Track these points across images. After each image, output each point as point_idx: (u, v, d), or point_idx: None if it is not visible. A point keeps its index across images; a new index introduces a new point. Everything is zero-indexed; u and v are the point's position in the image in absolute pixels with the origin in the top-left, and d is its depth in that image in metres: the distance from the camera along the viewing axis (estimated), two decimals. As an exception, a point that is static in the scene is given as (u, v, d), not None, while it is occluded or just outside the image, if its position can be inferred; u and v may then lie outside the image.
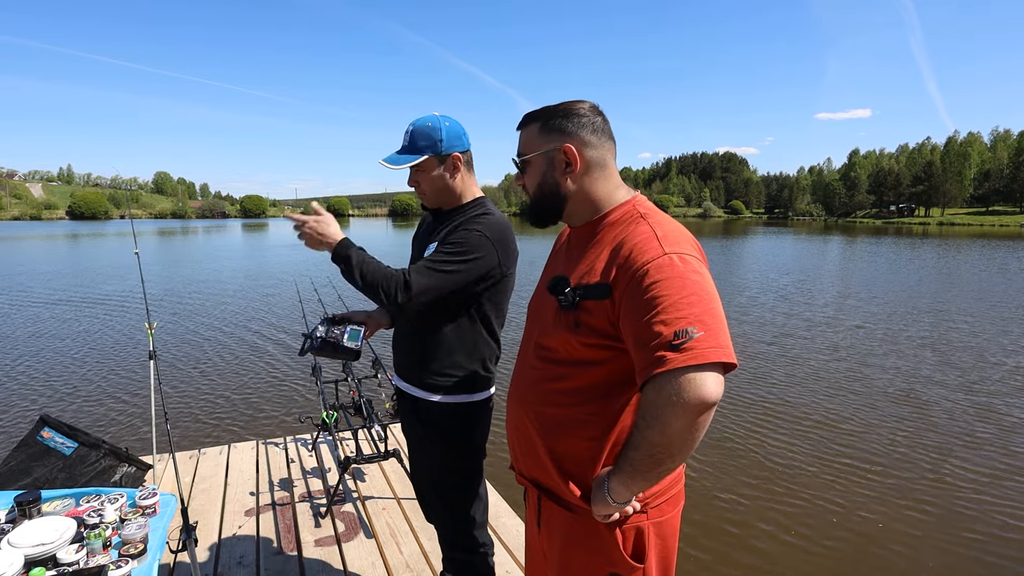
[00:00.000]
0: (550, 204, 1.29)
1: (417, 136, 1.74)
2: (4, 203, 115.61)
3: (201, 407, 6.17)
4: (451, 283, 1.67)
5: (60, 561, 1.48)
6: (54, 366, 7.70)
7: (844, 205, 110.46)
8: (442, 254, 1.68)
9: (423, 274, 1.63)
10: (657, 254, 1.08)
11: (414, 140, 1.74)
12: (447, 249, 1.69)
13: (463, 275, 1.68)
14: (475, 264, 1.69)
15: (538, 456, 1.28)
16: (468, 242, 1.68)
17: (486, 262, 1.70)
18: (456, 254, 1.67)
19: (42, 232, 54.19)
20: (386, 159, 1.74)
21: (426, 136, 1.73)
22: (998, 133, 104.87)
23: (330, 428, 3.42)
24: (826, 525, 3.89)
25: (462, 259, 1.67)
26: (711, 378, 0.97)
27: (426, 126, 1.74)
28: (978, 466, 4.72)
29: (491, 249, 1.71)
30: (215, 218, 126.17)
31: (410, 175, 1.79)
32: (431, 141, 1.73)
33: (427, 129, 1.73)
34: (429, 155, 1.74)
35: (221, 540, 2.78)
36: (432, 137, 1.73)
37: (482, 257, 1.69)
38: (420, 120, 1.76)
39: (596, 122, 1.24)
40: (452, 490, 1.89)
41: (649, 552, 1.21)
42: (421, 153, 1.73)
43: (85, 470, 2.98)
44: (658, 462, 1.04)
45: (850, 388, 6.76)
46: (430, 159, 1.75)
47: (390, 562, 2.59)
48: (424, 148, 1.73)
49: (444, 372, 1.79)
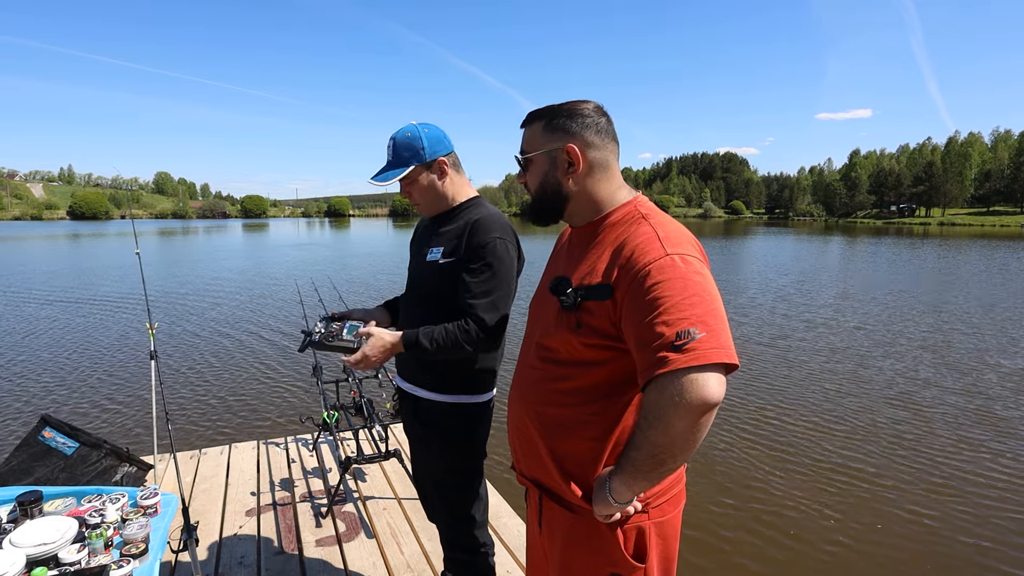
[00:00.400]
0: (551, 203, 1.29)
1: (400, 148, 1.76)
2: (5, 203, 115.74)
3: (202, 407, 6.17)
4: (508, 297, 1.75)
5: (62, 561, 1.49)
6: (55, 366, 7.70)
7: (845, 205, 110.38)
8: (485, 282, 1.70)
9: (486, 310, 1.68)
10: (659, 255, 1.08)
11: (398, 153, 1.76)
12: (484, 275, 1.70)
13: (511, 284, 1.76)
14: (511, 268, 1.76)
15: (539, 456, 1.28)
16: (493, 255, 1.71)
17: (513, 260, 1.77)
18: (496, 273, 1.71)
19: (43, 232, 54.25)
20: (374, 177, 1.78)
21: (408, 147, 1.75)
22: (999, 133, 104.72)
23: (331, 428, 3.42)
24: (823, 529, 3.89)
25: (503, 271, 1.72)
26: (713, 379, 0.97)
27: (406, 137, 1.76)
28: (976, 469, 4.71)
29: (507, 248, 1.75)
30: (216, 218, 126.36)
31: (401, 188, 1.81)
32: (414, 151, 1.75)
33: (408, 140, 1.76)
34: (415, 165, 1.76)
35: (222, 540, 2.78)
36: (414, 147, 1.75)
37: (512, 258, 1.76)
38: (399, 132, 1.78)
39: (600, 123, 1.24)
40: (453, 490, 1.89)
41: (650, 552, 1.21)
42: (407, 165, 1.76)
43: (86, 470, 2.99)
44: (660, 462, 1.04)
45: (848, 390, 6.76)
46: (416, 168, 1.77)
47: (391, 562, 2.59)
48: (409, 159, 1.76)
49: (447, 372, 1.80)
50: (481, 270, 1.70)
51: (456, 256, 1.75)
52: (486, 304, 1.68)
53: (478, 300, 1.68)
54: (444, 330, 1.68)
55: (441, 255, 1.77)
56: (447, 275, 1.76)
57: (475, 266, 1.71)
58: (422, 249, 1.87)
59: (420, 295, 1.86)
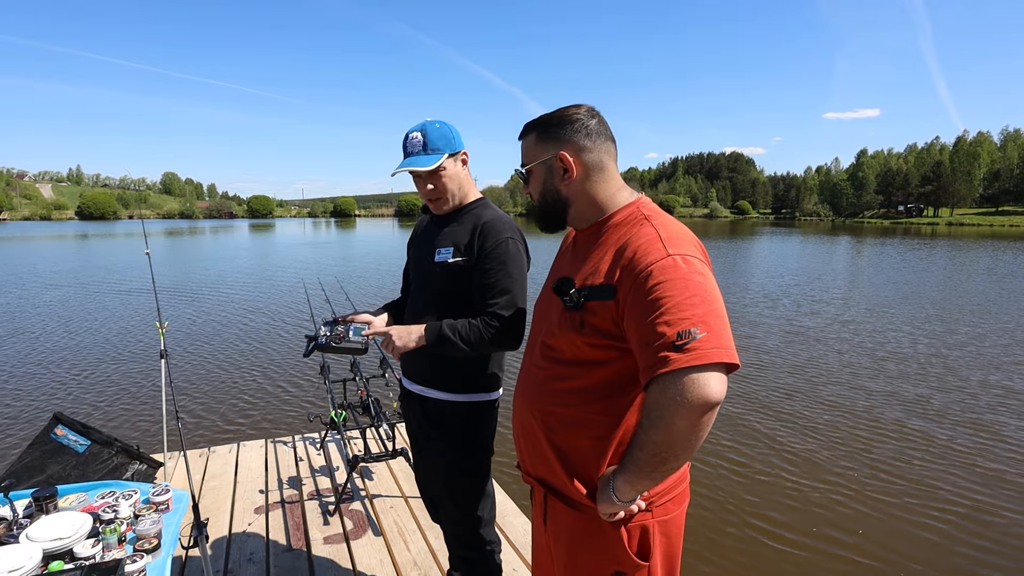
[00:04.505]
0: (553, 211, 1.32)
1: (435, 137, 1.76)
2: (15, 203, 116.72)
3: (211, 406, 6.22)
4: (524, 294, 1.78)
5: (77, 555, 1.52)
6: (66, 365, 7.78)
7: (852, 205, 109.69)
8: (501, 280, 1.73)
9: (506, 307, 1.72)
10: (661, 255, 1.09)
11: (432, 141, 1.76)
12: (500, 274, 1.73)
13: (525, 282, 1.79)
14: (523, 267, 1.79)
15: (544, 455, 1.29)
16: (507, 255, 1.74)
17: (523, 259, 1.81)
18: (511, 273, 1.74)
19: (52, 232, 54.67)
20: (408, 163, 1.76)
21: (442, 136, 1.77)
22: (1008, 133, 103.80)
23: (338, 427, 3.45)
24: (821, 531, 3.88)
25: (518, 271, 1.76)
26: (714, 378, 0.99)
27: (435, 128, 1.78)
28: (981, 488, 4.69)
29: (518, 246, 1.78)
30: (222, 218, 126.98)
31: (427, 180, 1.79)
32: (447, 140, 1.78)
33: (440, 130, 1.78)
34: (447, 153, 1.77)
35: (232, 537, 2.82)
36: (447, 136, 1.78)
37: (523, 257, 1.80)
38: (426, 124, 1.78)
39: (590, 125, 1.25)
40: (460, 488, 1.91)
41: (654, 550, 1.22)
42: (441, 152, 1.76)
43: (98, 467, 3.03)
44: (662, 461, 1.05)
45: (852, 395, 6.74)
46: (449, 157, 1.79)
47: (398, 560, 2.61)
48: (443, 148, 1.77)
49: (455, 371, 1.81)
50: (497, 270, 1.73)
51: (468, 256, 1.76)
52: (506, 302, 1.71)
53: (497, 299, 1.71)
54: (468, 324, 1.70)
55: (451, 255, 1.78)
56: (458, 275, 1.77)
57: (490, 267, 1.73)
58: (428, 250, 1.87)
59: (431, 295, 1.85)
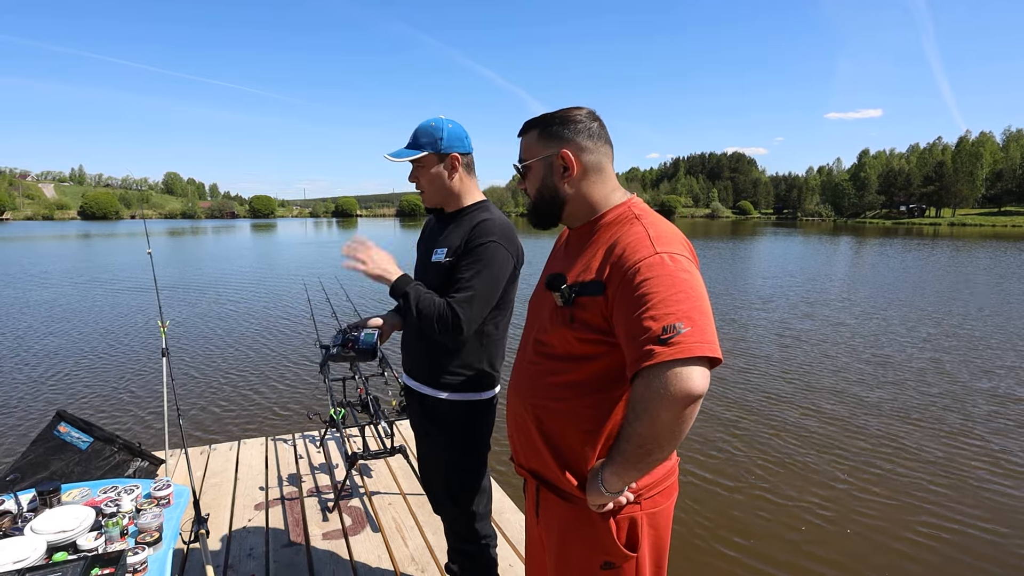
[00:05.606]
0: (550, 207, 1.35)
1: (420, 134, 1.83)
2: (17, 203, 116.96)
3: (212, 404, 6.26)
4: (490, 301, 1.77)
5: (80, 547, 1.55)
6: (69, 363, 7.83)
7: (854, 205, 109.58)
8: (470, 278, 1.73)
9: (465, 306, 1.71)
10: (649, 253, 1.13)
11: (416, 137, 1.83)
12: (472, 271, 1.74)
13: (496, 288, 1.78)
14: (500, 273, 1.78)
15: (536, 447, 1.33)
16: (486, 256, 1.75)
17: (507, 266, 1.80)
18: (482, 274, 1.74)
19: (54, 232, 54.81)
20: (390, 153, 1.84)
21: (427, 134, 1.82)
22: (1011, 133, 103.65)
23: (338, 425, 3.48)
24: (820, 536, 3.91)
25: (490, 275, 1.75)
26: (697, 372, 1.02)
27: (429, 125, 1.83)
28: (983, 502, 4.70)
29: (505, 253, 1.79)
30: (224, 218, 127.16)
31: (411, 171, 1.88)
32: (432, 139, 1.82)
33: (429, 128, 1.83)
34: (429, 152, 1.82)
35: (232, 532, 2.85)
36: (433, 135, 1.82)
37: (503, 263, 1.78)
38: (427, 120, 1.85)
39: (592, 127, 1.29)
40: (457, 484, 1.94)
41: (642, 542, 1.25)
42: (422, 149, 1.82)
43: (100, 464, 3.07)
44: (648, 452, 1.08)
45: (852, 397, 6.76)
46: (430, 156, 1.83)
47: (396, 555, 2.65)
48: (425, 145, 1.82)
49: (453, 371, 1.85)
50: (471, 266, 1.75)
51: (456, 257, 1.80)
52: (465, 298, 1.71)
53: (459, 293, 1.73)
54: (432, 300, 1.72)
55: (445, 255, 1.82)
56: (448, 274, 1.81)
57: (467, 263, 1.76)
58: (428, 250, 1.92)
59: None
